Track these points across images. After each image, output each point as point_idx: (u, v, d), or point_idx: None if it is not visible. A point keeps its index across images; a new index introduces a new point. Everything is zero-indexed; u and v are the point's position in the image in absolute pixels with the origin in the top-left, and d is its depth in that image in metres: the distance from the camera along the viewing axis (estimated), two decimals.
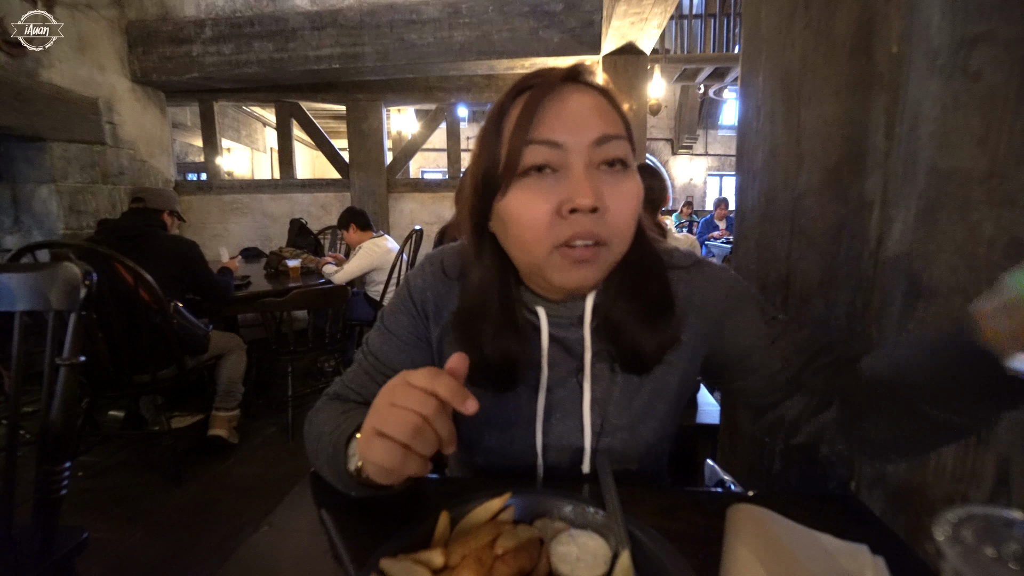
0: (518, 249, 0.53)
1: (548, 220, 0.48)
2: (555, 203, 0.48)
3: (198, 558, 1.53)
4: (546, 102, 0.49)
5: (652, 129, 9.55)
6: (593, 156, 0.49)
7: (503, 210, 0.51)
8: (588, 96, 0.51)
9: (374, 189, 4.46)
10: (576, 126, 0.48)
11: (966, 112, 0.52)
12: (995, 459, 0.56)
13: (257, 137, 8.80)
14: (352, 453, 0.48)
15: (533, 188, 0.49)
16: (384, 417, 0.39)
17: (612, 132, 0.49)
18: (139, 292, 1.79)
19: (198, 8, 3.49)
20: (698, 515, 0.51)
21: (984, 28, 0.50)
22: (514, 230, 0.51)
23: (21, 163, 3.02)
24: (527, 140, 0.48)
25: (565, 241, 0.48)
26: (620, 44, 3.13)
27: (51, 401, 0.78)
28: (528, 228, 0.49)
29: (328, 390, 0.64)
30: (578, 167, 0.48)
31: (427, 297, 0.63)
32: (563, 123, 0.49)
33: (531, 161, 0.49)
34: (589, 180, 0.47)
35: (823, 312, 0.64)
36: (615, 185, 0.49)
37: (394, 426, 0.39)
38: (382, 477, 0.40)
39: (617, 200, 0.49)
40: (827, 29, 0.62)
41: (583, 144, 0.48)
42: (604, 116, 0.50)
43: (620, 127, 0.51)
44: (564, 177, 0.49)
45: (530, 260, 0.52)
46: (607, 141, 0.49)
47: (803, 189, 0.68)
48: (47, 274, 0.79)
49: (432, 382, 0.40)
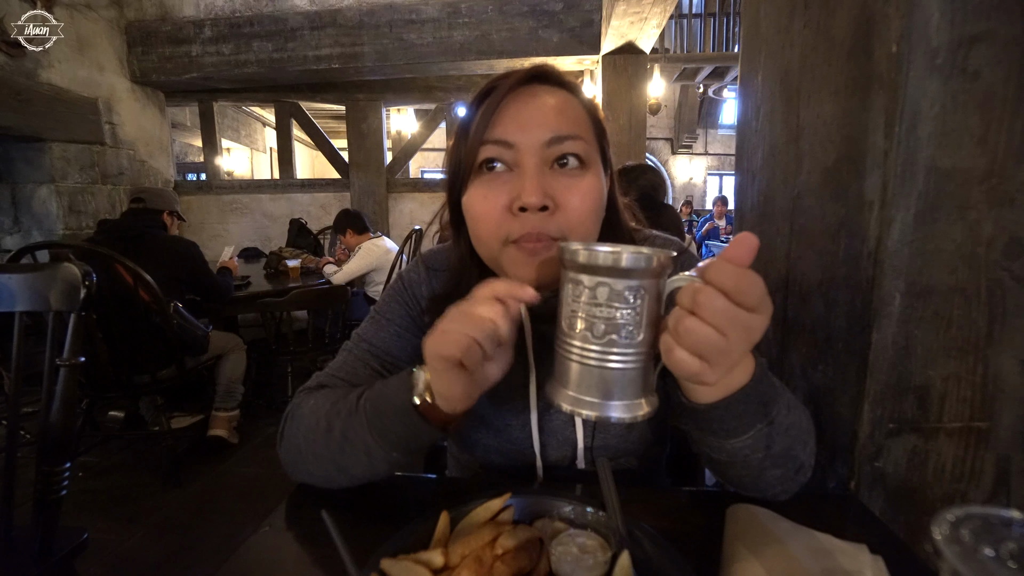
0: (476, 242, 0.55)
1: (499, 216, 0.50)
2: (506, 200, 0.50)
3: (198, 558, 1.53)
4: (504, 103, 0.51)
5: (652, 129, 9.54)
6: (546, 155, 0.50)
7: (465, 207, 0.54)
8: (548, 96, 0.52)
9: (374, 189, 4.47)
10: (529, 126, 0.50)
11: (965, 112, 0.52)
12: (994, 459, 0.56)
13: (257, 137, 8.80)
14: (415, 382, 0.46)
15: (487, 185, 0.52)
16: (458, 319, 0.41)
17: (566, 132, 0.50)
18: (139, 292, 1.79)
19: (197, 8, 3.49)
20: (697, 515, 0.51)
21: (983, 28, 0.50)
22: (471, 224, 0.54)
23: (20, 163, 3.02)
24: (483, 140, 0.51)
25: (516, 238, 0.50)
26: (619, 43, 3.13)
27: (51, 402, 0.78)
28: (481, 223, 0.52)
29: (307, 385, 0.60)
30: (529, 166, 0.50)
31: (422, 291, 0.63)
32: (517, 123, 0.50)
33: (484, 157, 0.51)
34: (538, 179, 0.49)
35: (822, 312, 0.64)
36: (569, 185, 0.50)
37: (466, 324, 0.40)
38: (448, 384, 0.43)
39: (571, 198, 0.50)
40: (826, 29, 0.62)
41: (535, 144, 0.50)
42: (562, 116, 0.51)
43: (580, 126, 0.52)
44: (516, 176, 0.50)
45: (487, 253, 0.54)
46: (560, 141, 0.50)
47: (802, 188, 0.68)
48: (47, 275, 0.79)
49: (491, 289, 0.42)
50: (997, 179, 0.52)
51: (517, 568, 0.38)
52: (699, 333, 0.34)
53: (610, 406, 0.37)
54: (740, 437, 0.44)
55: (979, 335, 0.54)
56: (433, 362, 0.43)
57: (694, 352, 0.35)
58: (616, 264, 0.35)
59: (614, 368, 0.36)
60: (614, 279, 0.35)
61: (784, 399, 0.46)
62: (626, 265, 0.35)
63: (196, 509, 1.81)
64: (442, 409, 0.45)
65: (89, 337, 1.74)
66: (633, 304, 0.35)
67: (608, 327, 0.36)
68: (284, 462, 0.56)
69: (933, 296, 0.54)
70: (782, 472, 0.47)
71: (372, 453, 0.48)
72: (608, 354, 0.36)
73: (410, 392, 0.46)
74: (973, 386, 0.55)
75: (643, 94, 3.46)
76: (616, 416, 0.37)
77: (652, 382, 0.39)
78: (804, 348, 0.68)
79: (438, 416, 0.46)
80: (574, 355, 0.37)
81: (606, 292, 0.35)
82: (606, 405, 0.37)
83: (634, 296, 0.35)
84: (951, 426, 0.56)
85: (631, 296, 0.35)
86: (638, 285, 0.35)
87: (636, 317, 0.36)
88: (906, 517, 0.59)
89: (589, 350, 0.36)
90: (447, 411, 0.45)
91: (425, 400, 0.45)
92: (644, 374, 0.37)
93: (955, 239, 0.53)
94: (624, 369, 0.36)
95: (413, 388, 0.46)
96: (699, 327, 0.34)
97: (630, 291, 0.35)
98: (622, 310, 0.35)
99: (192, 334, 1.97)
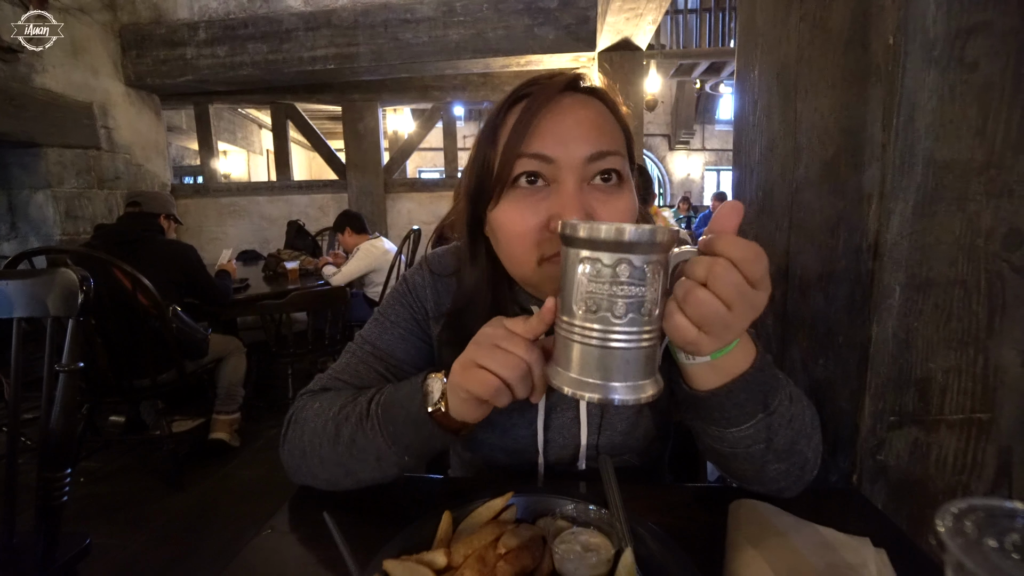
0: (507, 260, 0.53)
1: (536, 235, 0.48)
2: (544, 218, 0.48)
3: (201, 562, 1.53)
4: (541, 114, 0.48)
5: (649, 125, 9.54)
6: (586, 172, 0.48)
7: (494, 220, 0.52)
8: (585, 108, 0.50)
9: (371, 189, 4.46)
10: (570, 141, 0.48)
11: (963, 103, 0.52)
12: (996, 450, 0.56)
13: (253, 139, 8.78)
14: (429, 391, 0.46)
15: (523, 201, 0.49)
16: (490, 355, 0.41)
17: (607, 148, 0.49)
18: (137, 297, 1.78)
19: (191, 11, 3.48)
20: (700, 511, 0.51)
21: (980, 19, 0.50)
22: (503, 241, 0.51)
23: (16, 169, 3.01)
24: (519, 153, 0.48)
25: (552, 255, 0.48)
26: (615, 40, 3.13)
27: (51, 407, 0.77)
28: (516, 241, 0.50)
29: (308, 388, 0.60)
30: (569, 183, 0.48)
31: (426, 295, 0.63)
32: (557, 137, 0.48)
33: (521, 171, 0.49)
34: (579, 197, 0.47)
35: (822, 305, 0.64)
36: (607, 201, 0.49)
37: (501, 365, 0.40)
38: (468, 410, 0.43)
39: (609, 215, 0.48)
40: (822, 21, 0.62)
41: (576, 160, 0.48)
42: (600, 129, 0.49)
43: (617, 141, 0.51)
44: (555, 192, 0.48)
45: (520, 272, 0.52)
46: (602, 157, 0.48)
47: (801, 182, 0.68)
48: (45, 280, 0.79)
49: (530, 328, 0.41)
50: (995, 170, 0.52)
51: (520, 567, 0.38)
52: (708, 304, 0.34)
53: (614, 388, 0.36)
54: (741, 426, 0.44)
55: (979, 327, 0.54)
56: (459, 392, 0.43)
57: (696, 321, 0.35)
58: (640, 239, 0.34)
59: (620, 347, 0.35)
60: (633, 255, 0.34)
61: (786, 391, 0.46)
62: (652, 240, 0.34)
63: (198, 513, 1.81)
64: (456, 419, 0.46)
65: (88, 342, 1.73)
66: (648, 279, 0.35)
67: (622, 305, 0.35)
68: (287, 465, 0.55)
69: (933, 288, 0.54)
70: (785, 467, 0.47)
71: (383, 458, 0.49)
72: (615, 332, 0.35)
73: (424, 401, 0.46)
74: (974, 378, 0.55)
75: (640, 91, 3.46)
76: (619, 398, 0.36)
77: (657, 362, 0.38)
78: (805, 342, 0.68)
79: (452, 424, 0.46)
80: (576, 336, 0.36)
81: (623, 269, 0.34)
82: (609, 387, 0.36)
83: (651, 272, 0.35)
84: (952, 418, 0.56)
85: (647, 271, 0.34)
86: (656, 260, 0.35)
87: (651, 294, 0.35)
88: (909, 510, 0.59)
89: (593, 330, 0.35)
90: (461, 421, 0.46)
91: (440, 410, 0.46)
92: (650, 353, 0.37)
93: (954, 231, 0.53)
94: (630, 348, 0.35)
95: (427, 397, 0.46)
96: (709, 299, 0.34)
97: (647, 266, 0.34)
98: (635, 287, 0.34)
99: (192, 337, 1.96)
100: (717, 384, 0.42)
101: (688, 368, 0.43)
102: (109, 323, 1.80)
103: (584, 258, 0.35)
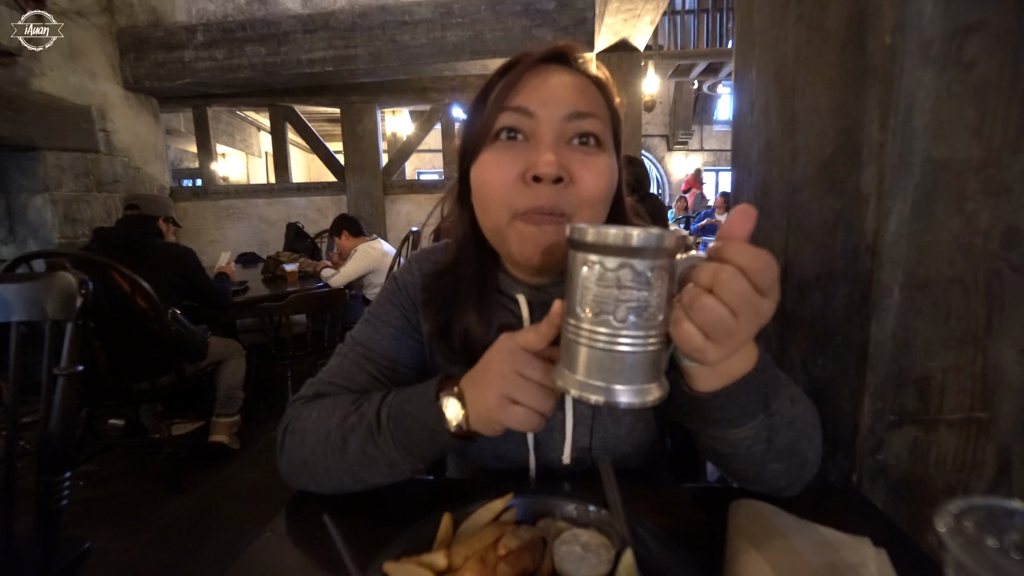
0: (482, 213, 0.54)
1: (510, 185, 0.50)
2: (520, 169, 0.49)
3: (201, 565, 1.53)
4: (527, 75, 0.51)
5: (647, 126, 9.54)
6: (564, 129, 0.50)
7: (474, 176, 0.53)
8: (572, 76, 0.52)
9: (370, 191, 4.46)
10: (550, 98, 0.50)
11: (960, 102, 0.52)
12: (995, 449, 0.56)
13: (252, 142, 8.78)
14: (445, 409, 0.46)
15: (501, 153, 0.51)
16: (522, 390, 0.42)
17: (586, 109, 0.50)
18: (136, 300, 1.78)
19: (189, 14, 3.48)
20: (700, 511, 0.51)
21: (977, 18, 0.50)
22: (479, 193, 0.53)
23: (14, 173, 3.01)
24: (502, 107, 0.50)
25: (526, 210, 0.49)
26: (613, 41, 3.13)
27: (50, 411, 0.77)
28: (490, 190, 0.51)
29: (301, 393, 0.59)
30: (547, 137, 0.49)
31: (416, 293, 0.62)
32: (539, 94, 0.50)
33: (501, 124, 0.50)
34: (555, 150, 0.49)
35: (821, 305, 0.64)
36: (585, 161, 0.50)
37: (535, 400, 0.42)
38: (496, 432, 0.45)
39: (586, 174, 0.50)
40: (819, 21, 0.62)
41: (555, 116, 0.50)
42: (582, 94, 0.51)
43: (598, 107, 0.52)
44: (533, 146, 0.50)
45: (492, 226, 0.53)
46: (581, 117, 0.50)
47: (799, 182, 0.68)
48: (43, 284, 0.79)
49: (548, 336, 0.42)
50: (993, 169, 0.52)
51: (521, 568, 0.38)
52: (713, 311, 0.34)
53: (619, 391, 0.36)
54: (741, 427, 0.44)
55: (978, 325, 0.54)
56: (494, 425, 0.44)
57: (702, 328, 0.35)
58: (646, 244, 0.34)
59: (626, 351, 0.35)
60: (639, 260, 0.34)
61: (788, 392, 0.46)
62: (659, 245, 0.34)
63: (198, 516, 1.81)
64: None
65: (87, 346, 1.73)
66: (654, 284, 0.35)
67: (628, 309, 0.35)
68: (285, 473, 0.55)
69: (931, 287, 0.54)
70: (786, 466, 0.47)
71: (396, 466, 0.49)
72: (621, 336, 0.35)
73: (441, 418, 0.46)
74: (973, 377, 0.55)
75: (638, 91, 3.46)
76: (625, 401, 0.36)
77: (663, 366, 0.38)
78: (803, 342, 0.68)
79: (468, 433, 0.47)
80: (582, 339, 0.36)
81: (630, 273, 0.34)
82: (615, 390, 0.36)
83: (657, 276, 0.35)
84: (952, 417, 0.56)
85: (653, 276, 0.35)
86: (662, 265, 0.35)
87: (656, 299, 0.35)
88: (908, 509, 0.59)
89: (599, 333, 0.36)
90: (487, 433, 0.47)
91: (461, 428, 0.46)
92: (656, 356, 0.37)
93: (952, 230, 0.53)
94: (635, 352, 0.36)
95: (444, 417, 0.46)
96: (714, 305, 0.34)
97: (653, 271, 0.34)
98: (641, 291, 0.35)
99: (191, 340, 1.96)
100: (718, 386, 0.42)
101: (689, 369, 0.43)
102: (108, 326, 1.79)
103: (590, 262, 0.36)
